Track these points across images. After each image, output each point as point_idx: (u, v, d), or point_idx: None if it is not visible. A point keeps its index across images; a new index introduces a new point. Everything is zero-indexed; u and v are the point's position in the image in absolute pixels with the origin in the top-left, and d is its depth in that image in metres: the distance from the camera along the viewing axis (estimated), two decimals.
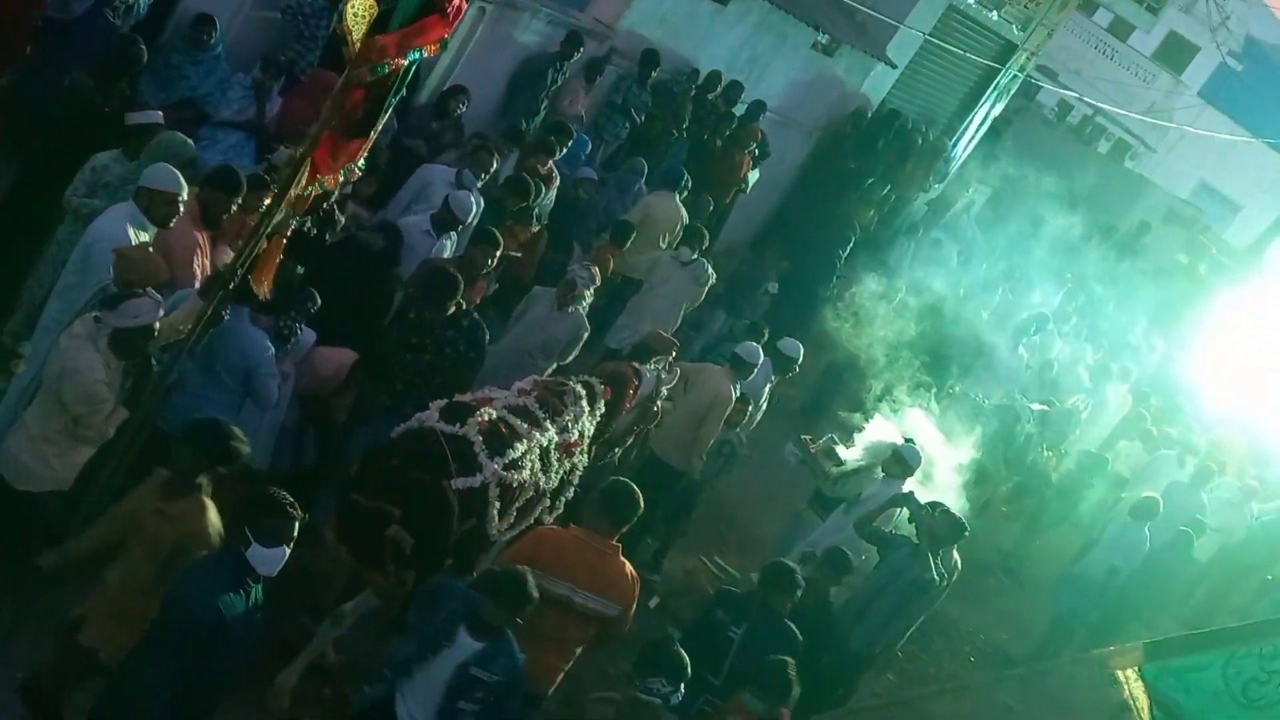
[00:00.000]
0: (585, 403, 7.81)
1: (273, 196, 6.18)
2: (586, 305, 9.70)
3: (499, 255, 9.24)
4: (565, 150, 11.80)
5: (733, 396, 9.76)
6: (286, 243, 6.40)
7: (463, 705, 5.88)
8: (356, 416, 8.03)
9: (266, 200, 6.58)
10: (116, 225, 6.90)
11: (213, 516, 5.58)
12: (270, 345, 7.13)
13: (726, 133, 14.89)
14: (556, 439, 7.45)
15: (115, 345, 6.07)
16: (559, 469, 7.53)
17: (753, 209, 16.69)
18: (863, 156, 17.70)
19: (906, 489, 9.59)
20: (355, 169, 6.43)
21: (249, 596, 5.30)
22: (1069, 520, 14.11)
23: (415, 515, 6.58)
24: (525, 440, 7.12)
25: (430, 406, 7.07)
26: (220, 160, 8.71)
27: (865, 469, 10.33)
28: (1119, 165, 30.76)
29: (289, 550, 5.31)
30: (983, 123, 20.69)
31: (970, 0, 18.24)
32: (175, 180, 7.04)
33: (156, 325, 6.14)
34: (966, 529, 9.04)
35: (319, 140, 5.93)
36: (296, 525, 5.32)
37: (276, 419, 7.54)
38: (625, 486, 6.80)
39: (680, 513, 10.26)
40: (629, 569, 6.71)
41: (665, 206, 12.49)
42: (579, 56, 12.84)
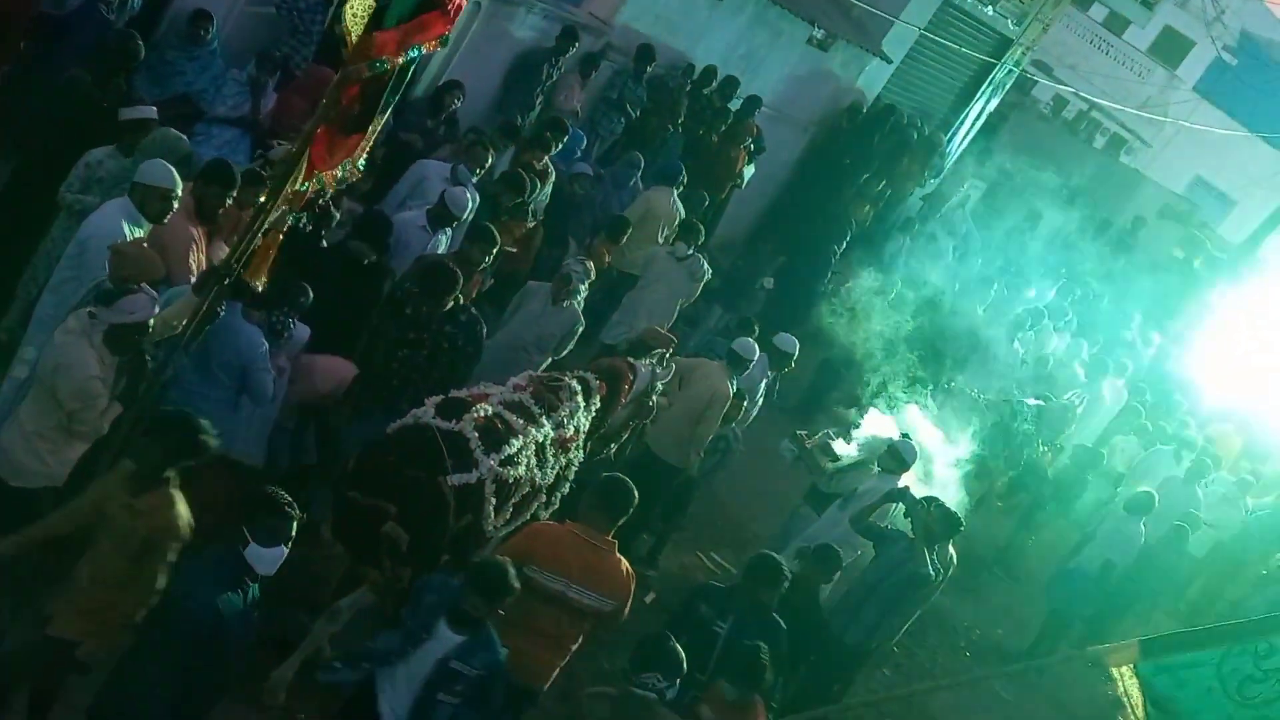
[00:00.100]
0: (581, 398, 7.81)
1: (269, 192, 6.17)
2: (581, 300, 9.70)
3: (495, 252, 9.24)
4: (561, 145, 11.79)
5: (730, 393, 9.75)
6: (282, 239, 6.40)
7: (442, 698, 5.86)
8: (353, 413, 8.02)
9: (262, 196, 6.56)
10: (111, 221, 6.88)
11: (182, 510, 5.50)
12: (264, 340, 7.13)
13: (722, 128, 14.89)
14: (552, 434, 7.45)
15: (110, 341, 6.06)
16: (555, 464, 7.53)
17: (748, 204, 16.68)
18: (858, 152, 17.69)
19: (902, 484, 9.62)
20: (356, 169, 6.44)
21: (246, 595, 5.29)
22: (1064, 515, 14.12)
23: (411, 511, 6.58)
24: (521, 436, 7.13)
25: (426, 403, 7.07)
26: (215, 156, 8.70)
27: (861, 464, 10.33)
28: (1114, 160, 30.80)
29: (287, 550, 5.30)
30: (978, 118, 20.69)
31: None
32: (170, 177, 7.03)
33: (151, 321, 6.13)
34: (962, 524, 9.05)
35: (315, 136, 5.92)
36: (294, 525, 5.32)
37: (272, 414, 7.54)
38: (620, 481, 6.80)
39: (676, 508, 10.26)
40: (625, 564, 6.71)
41: (664, 202, 12.49)
42: (574, 51, 12.83)
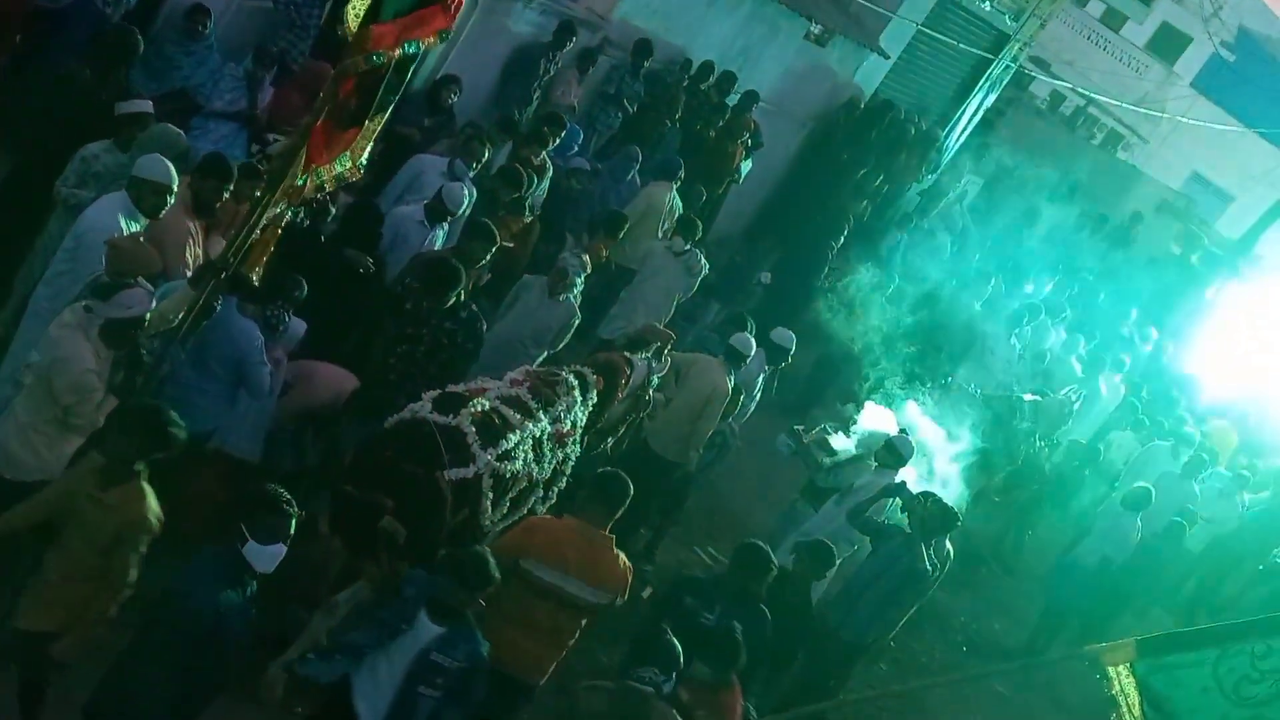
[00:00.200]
0: (578, 393, 7.81)
1: (266, 186, 6.16)
2: (578, 293, 9.69)
3: (495, 250, 9.21)
4: (558, 141, 11.78)
5: (729, 389, 9.75)
6: (279, 234, 6.39)
7: (423, 691, 5.81)
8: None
9: (259, 190, 6.56)
10: (108, 215, 6.87)
11: (152, 503, 5.47)
12: (259, 334, 7.12)
13: (719, 123, 14.87)
14: (550, 429, 7.44)
15: (106, 335, 6.06)
16: (552, 459, 7.53)
17: (745, 199, 16.66)
18: (855, 147, 17.68)
19: (899, 479, 9.61)
20: (357, 168, 6.44)
21: (246, 592, 5.28)
22: (1061, 511, 14.12)
23: (409, 506, 6.58)
24: (518, 431, 7.12)
25: (423, 397, 7.07)
26: (212, 150, 8.67)
27: (858, 459, 10.33)
28: (1111, 156, 30.78)
29: (285, 548, 5.28)
30: (975, 113, 20.69)
31: None
32: (166, 172, 7.00)
33: (147, 315, 6.12)
34: (959, 519, 9.05)
35: (313, 131, 5.91)
36: (293, 522, 5.30)
37: (269, 407, 7.53)
38: (616, 475, 6.84)
39: (673, 503, 10.25)
40: (622, 559, 6.71)
41: (665, 197, 12.51)
42: (572, 46, 12.81)
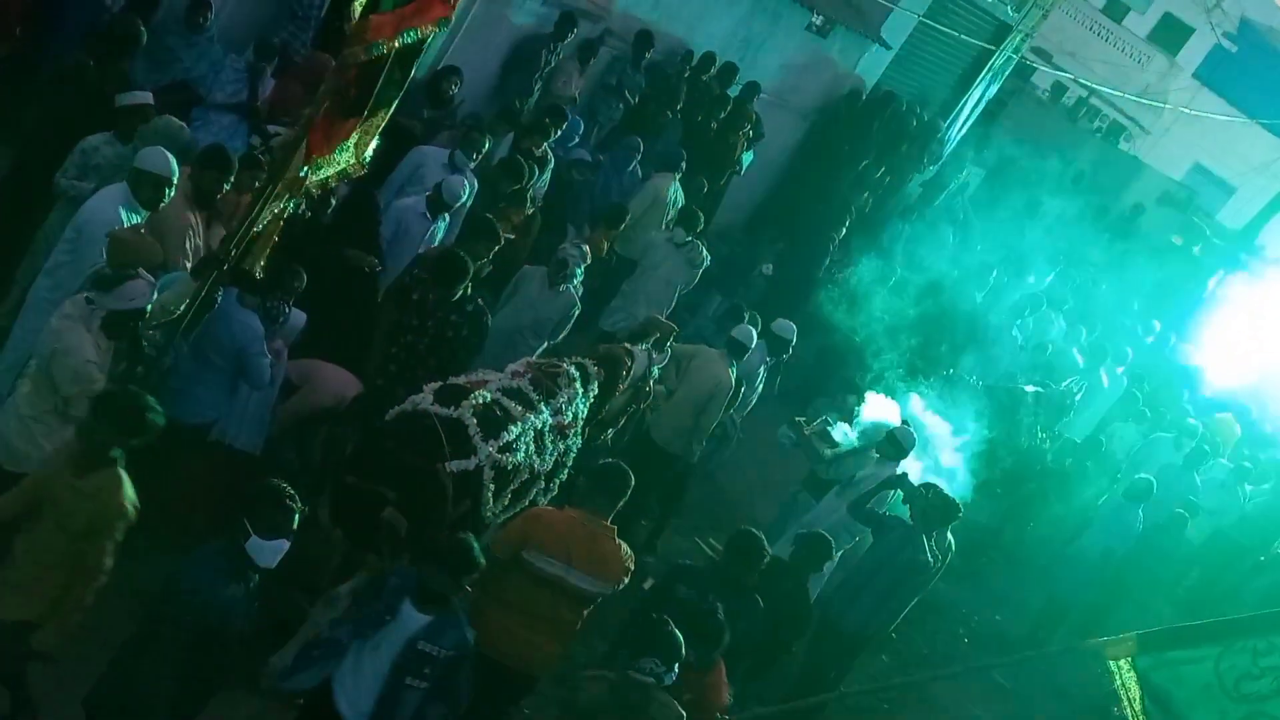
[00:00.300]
0: (579, 384, 7.81)
1: (268, 178, 6.16)
2: (578, 283, 9.69)
3: (498, 248, 9.21)
4: (559, 132, 11.77)
5: (733, 383, 9.76)
6: (281, 225, 6.39)
7: (410, 682, 5.73)
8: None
9: (260, 180, 6.56)
10: (108, 206, 6.86)
11: (129, 490, 5.38)
12: (259, 325, 7.12)
13: (721, 115, 14.85)
14: (551, 421, 7.44)
15: (108, 327, 6.06)
16: (553, 451, 7.53)
17: (747, 191, 16.65)
18: (857, 138, 17.66)
19: (900, 470, 9.61)
20: (360, 164, 6.44)
21: (248, 587, 5.28)
22: (1064, 502, 14.12)
23: (410, 498, 6.58)
24: (520, 423, 7.12)
25: (424, 389, 7.07)
26: (212, 142, 8.66)
27: (860, 451, 10.33)
28: (1113, 147, 30.72)
29: (288, 543, 5.26)
30: (977, 104, 20.67)
31: None
32: (166, 164, 6.98)
33: (148, 307, 6.12)
34: (960, 510, 9.05)
35: (315, 122, 5.91)
36: (296, 518, 5.28)
37: (270, 399, 7.54)
38: (617, 465, 6.88)
39: (674, 495, 10.26)
40: (624, 549, 6.72)
41: (670, 188, 12.53)
42: (573, 38, 12.80)
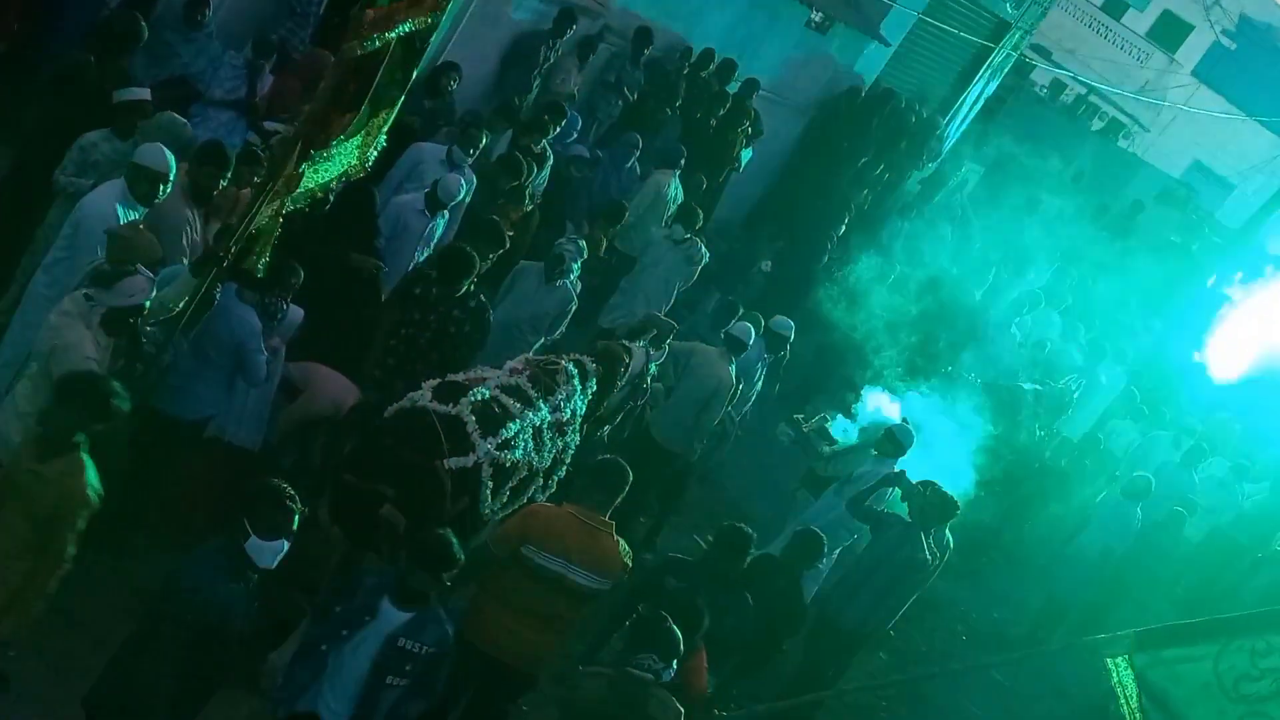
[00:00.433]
0: (577, 381, 7.80)
1: (268, 175, 6.15)
2: (575, 278, 9.68)
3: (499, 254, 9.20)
4: (558, 129, 11.76)
5: (734, 381, 9.76)
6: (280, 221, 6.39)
7: (390, 681, 5.67)
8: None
9: (259, 175, 6.55)
10: (106, 202, 6.85)
11: (91, 477, 5.28)
12: (257, 321, 7.10)
13: (720, 111, 14.84)
14: (549, 418, 7.43)
15: (107, 323, 6.05)
16: (552, 448, 7.52)
17: (746, 188, 16.64)
18: (856, 135, 17.65)
19: (899, 468, 9.60)
20: (363, 167, 6.44)
21: (247, 587, 5.26)
22: (1062, 500, 14.12)
23: (408, 495, 6.57)
24: (518, 420, 7.11)
25: (423, 386, 7.06)
26: (210, 138, 8.64)
27: (858, 448, 10.33)
28: (1112, 145, 30.73)
29: (288, 544, 5.24)
30: (976, 101, 20.66)
31: None
32: (162, 160, 6.95)
33: (147, 303, 6.11)
34: (958, 508, 9.04)
35: (314, 119, 5.91)
36: (296, 518, 5.25)
37: (269, 395, 7.52)
38: (615, 461, 6.88)
39: (673, 492, 10.26)
40: (622, 545, 6.72)
41: (670, 185, 12.54)
42: (572, 34, 12.80)
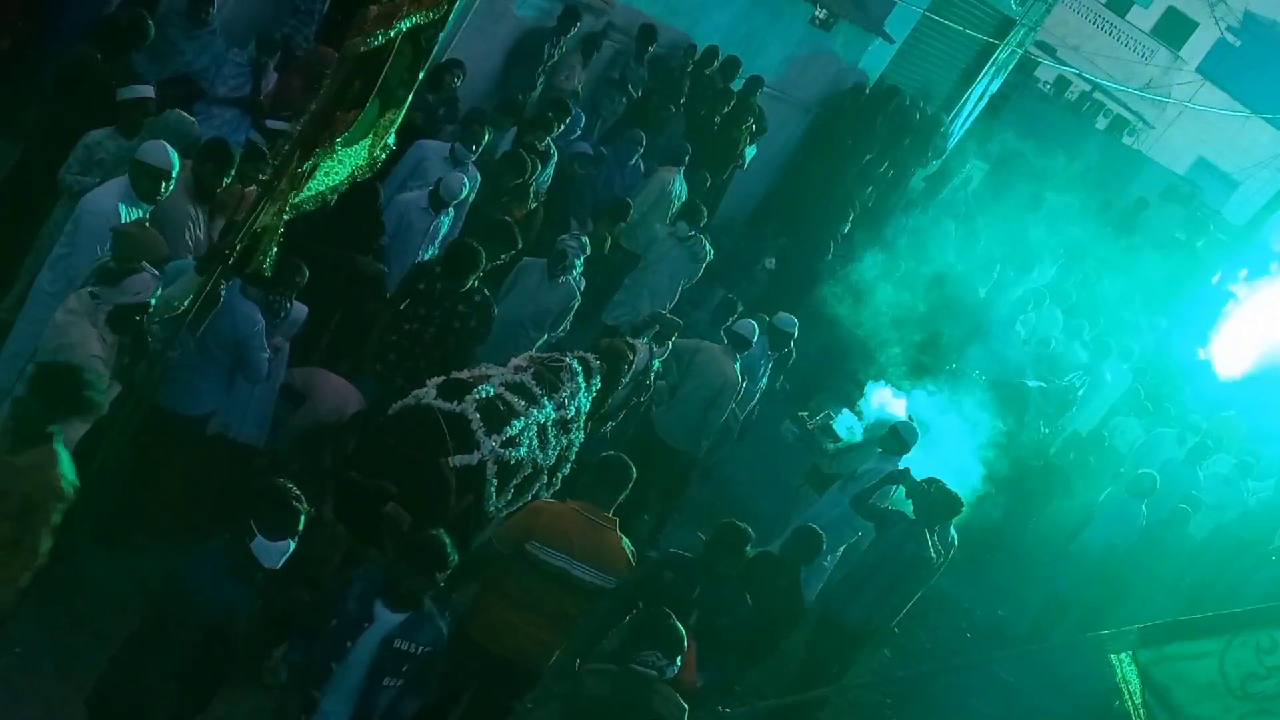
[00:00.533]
0: (581, 379, 7.81)
1: (273, 173, 6.15)
2: (578, 275, 9.69)
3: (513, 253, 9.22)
4: (563, 126, 11.76)
5: (739, 379, 9.76)
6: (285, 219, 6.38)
7: (387, 682, 5.68)
8: None
9: (264, 172, 6.54)
10: (108, 199, 6.85)
11: (65, 468, 5.19)
12: (260, 318, 7.10)
13: (724, 109, 14.83)
14: (554, 415, 7.45)
15: (113, 321, 6.06)
16: (556, 445, 7.53)
17: (750, 185, 16.64)
18: (860, 132, 17.62)
19: (903, 465, 9.60)
20: (373, 166, 6.45)
21: (252, 587, 5.27)
22: (1066, 497, 14.11)
23: (413, 492, 6.59)
24: (523, 417, 7.13)
25: (427, 383, 7.07)
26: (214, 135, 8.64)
27: (863, 445, 10.33)
28: (1117, 141, 30.68)
29: (294, 544, 5.24)
30: (980, 98, 20.63)
31: None
32: (165, 158, 6.96)
33: (153, 300, 6.12)
34: (963, 505, 9.04)
35: (319, 117, 5.91)
36: (302, 519, 5.25)
37: (272, 392, 7.53)
38: (618, 458, 6.88)
39: (677, 490, 10.26)
40: (625, 542, 6.72)
41: (674, 182, 12.55)
42: (576, 31, 12.79)
